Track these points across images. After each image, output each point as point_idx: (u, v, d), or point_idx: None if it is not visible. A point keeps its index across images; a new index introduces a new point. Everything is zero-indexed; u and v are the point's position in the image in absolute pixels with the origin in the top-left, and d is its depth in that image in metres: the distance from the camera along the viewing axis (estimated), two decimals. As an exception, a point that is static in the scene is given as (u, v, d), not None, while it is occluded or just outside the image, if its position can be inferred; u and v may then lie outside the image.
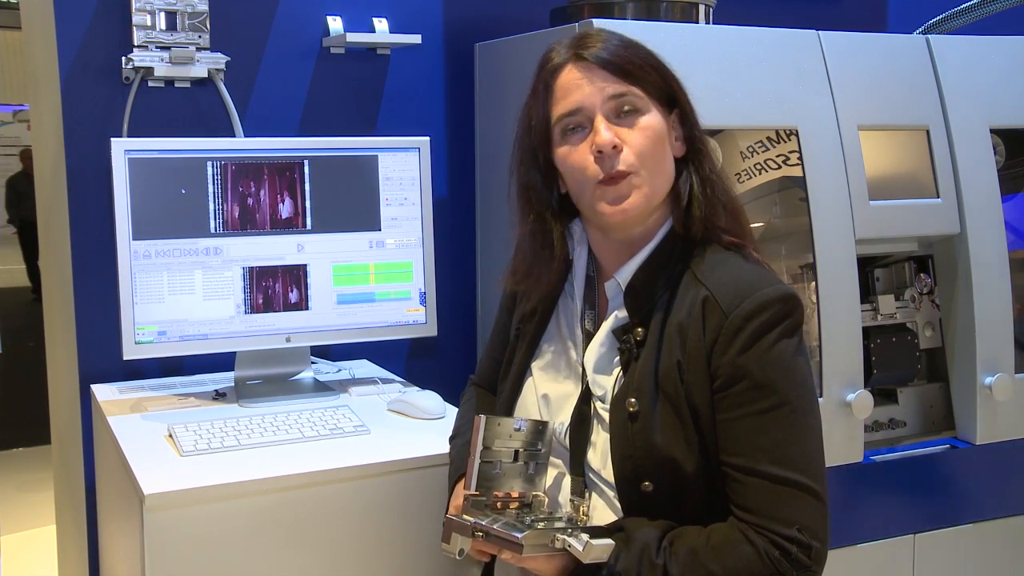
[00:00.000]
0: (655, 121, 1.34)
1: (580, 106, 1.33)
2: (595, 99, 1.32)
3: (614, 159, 1.31)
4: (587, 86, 1.33)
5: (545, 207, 1.41)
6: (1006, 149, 2.26)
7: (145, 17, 2.12)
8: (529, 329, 1.49)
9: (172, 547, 1.55)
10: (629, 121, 1.33)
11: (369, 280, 2.10)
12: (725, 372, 1.27)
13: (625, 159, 1.31)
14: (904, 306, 2.22)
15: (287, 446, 1.74)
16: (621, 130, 1.32)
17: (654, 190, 1.34)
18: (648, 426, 1.30)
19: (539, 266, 1.44)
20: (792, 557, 1.23)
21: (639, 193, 1.32)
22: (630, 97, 1.33)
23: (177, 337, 1.98)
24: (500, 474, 1.36)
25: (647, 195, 1.33)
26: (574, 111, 1.34)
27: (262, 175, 2.02)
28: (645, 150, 1.32)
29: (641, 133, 1.32)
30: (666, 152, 1.35)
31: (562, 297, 1.48)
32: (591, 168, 1.33)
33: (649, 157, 1.32)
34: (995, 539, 2.26)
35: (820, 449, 1.30)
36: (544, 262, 1.43)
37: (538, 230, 1.42)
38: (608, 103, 1.32)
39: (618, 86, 1.32)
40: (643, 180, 1.32)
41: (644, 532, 1.27)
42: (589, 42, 1.35)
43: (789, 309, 1.29)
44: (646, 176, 1.32)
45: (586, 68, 1.33)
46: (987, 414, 2.18)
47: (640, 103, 1.33)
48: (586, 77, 1.33)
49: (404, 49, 2.42)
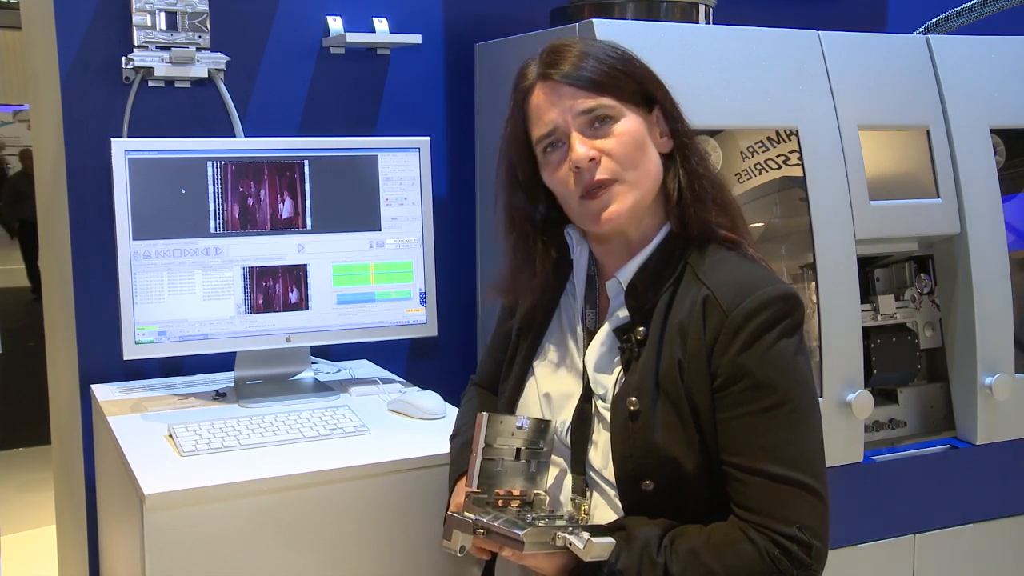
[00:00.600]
0: (631, 125, 1.34)
1: (555, 126, 1.35)
2: (566, 116, 1.34)
3: (593, 171, 1.33)
4: (557, 105, 1.34)
5: (527, 223, 1.44)
6: (1006, 149, 2.26)
7: (145, 17, 2.12)
8: (531, 328, 1.50)
9: (172, 547, 1.55)
10: (604, 131, 1.34)
11: (369, 280, 2.10)
12: (725, 371, 1.28)
13: (605, 168, 1.33)
14: (904, 306, 2.21)
15: (287, 446, 1.74)
16: (597, 141, 1.33)
17: (641, 193, 1.35)
18: (649, 425, 1.30)
19: (522, 280, 1.47)
20: (793, 556, 1.23)
21: (623, 200, 1.33)
22: (600, 109, 1.34)
23: (177, 337, 1.98)
24: (502, 472, 1.36)
25: (633, 200, 1.34)
26: (550, 132, 1.36)
27: (262, 175, 2.02)
28: (624, 156, 1.33)
29: (618, 140, 1.33)
30: (648, 152, 1.36)
31: (564, 296, 1.49)
32: (572, 184, 1.35)
33: (630, 161, 1.33)
34: (995, 539, 2.25)
35: (821, 448, 1.31)
36: (527, 277, 1.46)
37: (520, 246, 1.45)
38: (579, 118, 1.34)
39: (587, 100, 1.33)
40: (627, 186, 1.33)
41: (645, 530, 1.27)
42: (556, 59, 1.36)
43: (789, 308, 1.30)
44: (631, 180, 1.33)
45: (554, 88, 1.35)
46: (987, 414, 2.17)
47: (612, 111, 1.34)
48: (555, 96, 1.35)
49: (404, 49, 2.42)
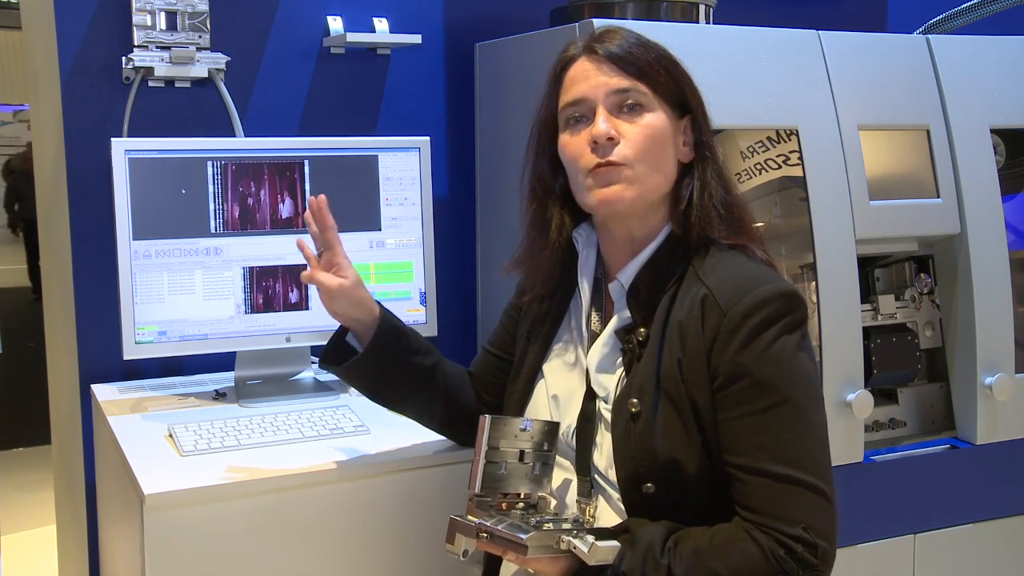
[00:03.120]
0: (658, 121, 1.34)
1: (584, 96, 1.34)
2: (599, 91, 1.33)
3: (608, 150, 1.32)
4: (593, 78, 1.34)
5: (548, 195, 1.43)
6: (1006, 149, 2.26)
7: (145, 17, 2.12)
8: (541, 331, 1.49)
9: (172, 547, 1.55)
10: (632, 117, 1.33)
11: (369, 280, 2.09)
12: (725, 371, 1.27)
13: (620, 151, 1.32)
14: (904, 306, 2.21)
15: (287, 446, 1.74)
16: (621, 124, 1.33)
17: (646, 187, 1.34)
18: (650, 427, 1.29)
19: (535, 253, 1.46)
20: (798, 556, 1.22)
21: (628, 187, 1.32)
22: (635, 93, 1.33)
23: (177, 337, 1.98)
24: (505, 475, 1.35)
25: (637, 191, 1.33)
26: (578, 101, 1.35)
27: (262, 175, 2.02)
28: (642, 146, 1.32)
29: (641, 130, 1.33)
30: (666, 153, 1.35)
31: (573, 299, 1.49)
32: (586, 157, 1.34)
33: (646, 154, 1.32)
34: (995, 539, 2.25)
35: (825, 447, 1.29)
36: (539, 249, 1.45)
37: (539, 218, 1.45)
38: (612, 96, 1.33)
39: (624, 81, 1.33)
40: (635, 175, 1.32)
41: (648, 532, 1.26)
42: (605, 38, 1.36)
43: (789, 306, 1.29)
44: (640, 171, 1.33)
45: (596, 61, 1.35)
46: (987, 414, 2.17)
47: (645, 100, 1.33)
48: (594, 70, 1.34)
49: (404, 49, 2.42)
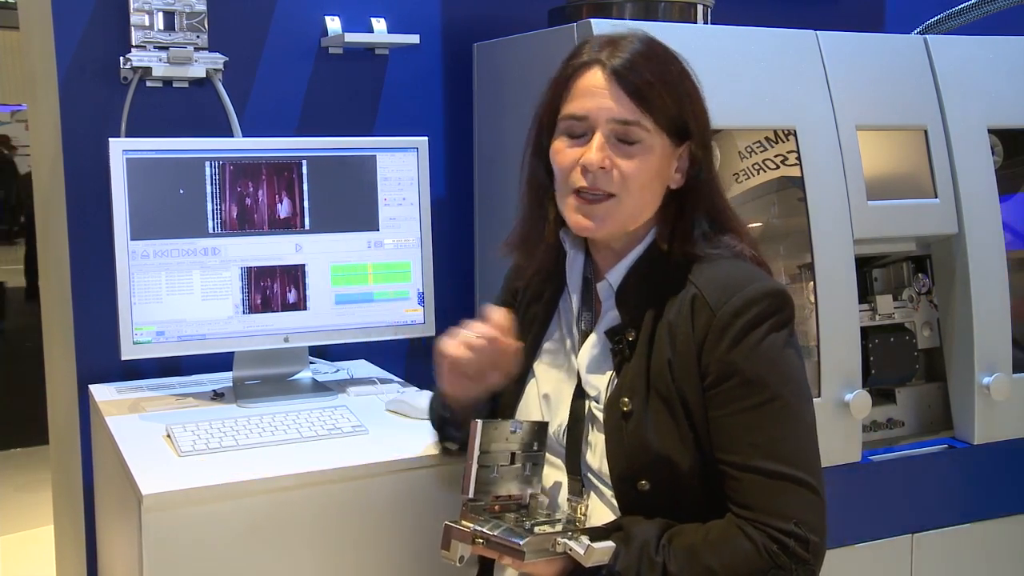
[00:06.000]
0: (654, 158, 1.33)
1: (587, 114, 1.33)
2: (602, 115, 1.32)
3: (598, 177, 1.32)
4: (600, 97, 1.32)
5: (542, 190, 1.43)
6: (1004, 149, 2.27)
7: (143, 17, 2.12)
8: (532, 330, 1.50)
9: (170, 547, 1.55)
10: (628, 151, 1.32)
11: (367, 280, 2.10)
12: (715, 369, 1.28)
13: (609, 182, 1.32)
14: (902, 306, 2.21)
15: (285, 446, 1.74)
16: (617, 156, 1.32)
17: (630, 215, 1.35)
18: (642, 425, 1.30)
19: (530, 242, 1.47)
20: (790, 551, 1.23)
21: (612, 218, 1.34)
22: (636, 129, 1.32)
23: (175, 337, 1.98)
24: (497, 477, 1.36)
25: (619, 220, 1.34)
26: (580, 117, 1.34)
27: (260, 175, 2.02)
28: (633, 181, 1.32)
29: (635, 165, 1.32)
30: (655, 186, 1.35)
31: (563, 299, 1.49)
32: (575, 175, 1.34)
33: (635, 188, 1.33)
34: (993, 539, 2.26)
35: (815, 443, 1.31)
36: (534, 240, 1.46)
37: (534, 206, 1.46)
38: (614, 124, 1.32)
39: (628, 111, 1.31)
40: (621, 205, 1.33)
41: (643, 530, 1.27)
42: (618, 50, 1.34)
43: (778, 304, 1.30)
44: (625, 204, 1.33)
45: (607, 78, 1.32)
46: (985, 414, 2.17)
47: (645, 136, 1.32)
48: (603, 88, 1.32)
49: (402, 49, 2.42)
